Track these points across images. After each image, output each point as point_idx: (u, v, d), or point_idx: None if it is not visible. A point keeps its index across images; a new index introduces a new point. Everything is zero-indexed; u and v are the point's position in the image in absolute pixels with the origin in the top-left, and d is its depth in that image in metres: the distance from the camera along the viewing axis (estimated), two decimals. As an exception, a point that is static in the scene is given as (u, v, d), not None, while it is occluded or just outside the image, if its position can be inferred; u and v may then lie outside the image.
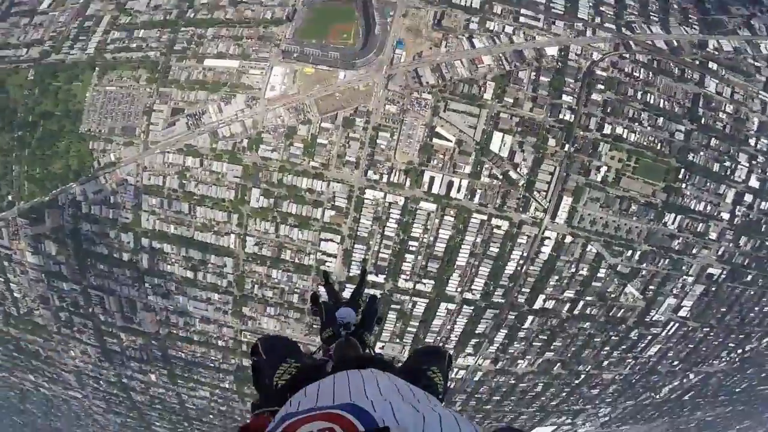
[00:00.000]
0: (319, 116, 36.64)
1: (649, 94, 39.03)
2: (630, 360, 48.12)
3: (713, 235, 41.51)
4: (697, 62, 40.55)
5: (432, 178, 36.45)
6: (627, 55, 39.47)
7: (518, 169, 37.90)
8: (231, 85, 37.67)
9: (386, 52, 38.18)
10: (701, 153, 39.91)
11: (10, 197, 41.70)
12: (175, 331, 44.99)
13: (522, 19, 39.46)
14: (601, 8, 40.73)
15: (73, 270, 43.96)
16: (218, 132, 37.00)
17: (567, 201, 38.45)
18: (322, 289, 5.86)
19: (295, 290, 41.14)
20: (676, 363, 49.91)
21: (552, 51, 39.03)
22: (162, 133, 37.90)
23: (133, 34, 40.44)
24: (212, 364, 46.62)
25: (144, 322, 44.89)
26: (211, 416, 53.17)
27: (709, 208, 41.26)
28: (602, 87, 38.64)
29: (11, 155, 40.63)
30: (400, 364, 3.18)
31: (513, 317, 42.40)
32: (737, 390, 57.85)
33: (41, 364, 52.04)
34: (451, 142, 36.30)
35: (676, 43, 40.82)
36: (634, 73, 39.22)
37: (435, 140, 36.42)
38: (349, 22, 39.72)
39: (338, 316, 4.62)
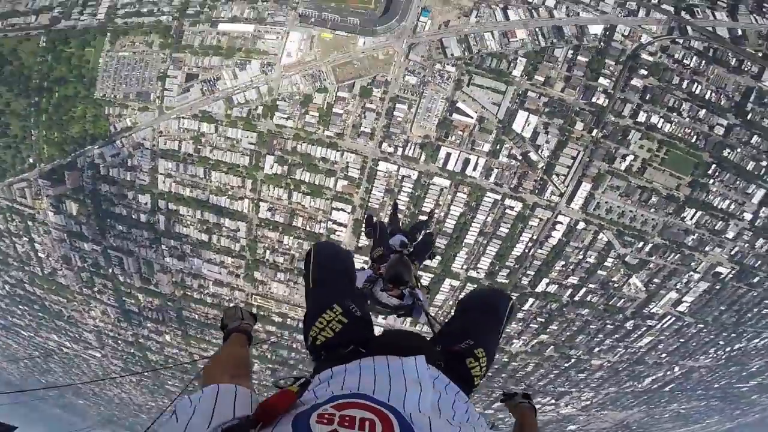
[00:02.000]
0: (335, 84, 36.06)
1: (696, 84, 35.82)
2: (621, 349, 49.20)
3: (730, 234, 40.20)
4: (761, 54, 36.11)
5: (448, 154, 35.94)
6: (680, 41, 35.81)
7: (539, 151, 36.77)
8: (246, 50, 37.16)
9: (409, 19, 36.26)
10: (738, 150, 37.31)
11: (31, 159, 43.35)
12: (189, 293, 47.30)
13: None
14: None
15: (93, 230, 46.27)
16: (233, 98, 36.99)
17: (586, 187, 37.47)
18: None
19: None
20: (664, 355, 51.02)
21: (596, 29, 35.65)
22: (177, 99, 38.14)
23: None
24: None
25: (161, 284, 47.35)
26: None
27: (732, 206, 39.52)
28: (645, 72, 35.47)
29: (29, 120, 41.83)
30: (445, 323, 2.91)
31: (515, 297, 43.25)
32: (715, 386, 59.41)
33: (64, 323, 55.82)
34: (472, 118, 35.24)
35: (740, 32, 36.30)
36: (684, 60, 35.58)
37: (455, 115, 35.40)
38: None
39: (392, 240, 4.75)
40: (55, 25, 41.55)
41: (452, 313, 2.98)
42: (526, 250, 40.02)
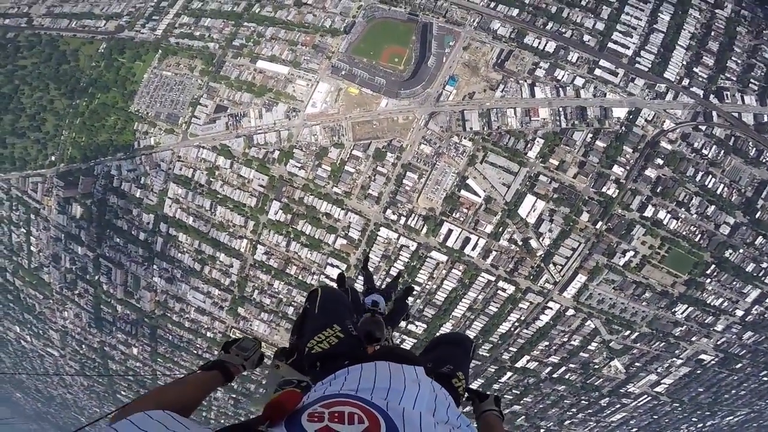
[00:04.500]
0: (352, 142, 41.96)
1: (710, 177, 39.94)
2: (592, 423, 54.75)
3: (719, 327, 44.24)
4: (783, 142, 38.08)
5: (450, 231, 40.53)
6: (703, 128, 40.22)
7: (540, 239, 41.01)
8: (276, 91, 44.22)
9: (435, 87, 41.94)
10: (740, 251, 41.11)
11: (53, 157, 50.82)
12: (169, 314, 52.76)
13: (598, 72, 40.97)
14: (695, 69, 41.09)
15: (91, 237, 51.99)
16: (254, 138, 43.48)
17: (581, 278, 41.46)
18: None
19: (292, 303, 46.84)
20: (635, 430, 56.67)
21: (620, 113, 40.19)
22: (202, 128, 45.04)
23: (200, 21, 48.49)
24: (195, 352, 54.50)
25: (143, 300, 52.59)
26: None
27: (726, 304, 43.19)
28: (661, 162, 39.76)
29: (65, 120, 49.89)
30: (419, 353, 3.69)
31: (493, 371, 47.28)
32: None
33: (32, 318, 62.05)
34: (480, 197, 40.08)
35: (766, 119, 40.72)
36: (703, 150, 39.88)
37: (463, 192, 40.23)
38: (404, 46, 44.13)
39: (366, 300, 5.74)
40: (118, 33, 51.19)
41: (423, 349, 3.85)
42: (512, 329, 44.43)
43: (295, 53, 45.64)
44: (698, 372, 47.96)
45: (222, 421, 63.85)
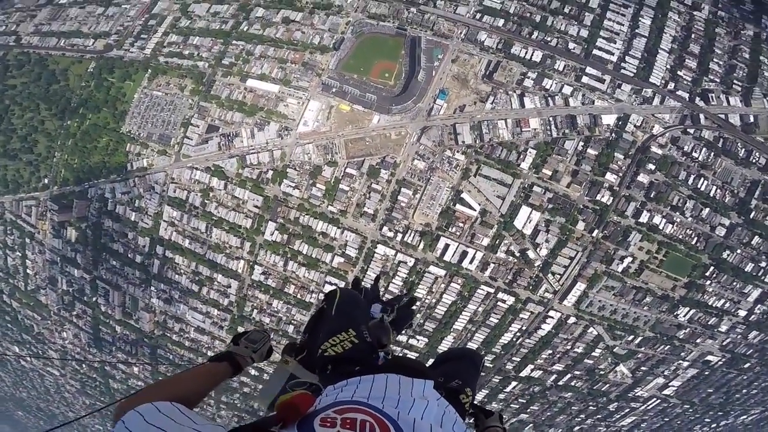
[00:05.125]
0: (345, 160, 42.00)
1: (702, 179, 40.40)
2: (602, 428, 54.94)
3: (723, 328, 44.62)
4: (768, 142, 38.52)
5: (447, 245, 40.71)
6: (691, 131, 40.69)
7: (538, 250, 41.28)
8: (267, 110, 44.12)
9: (426, 101, 42.03)
10: (738, 251, 41.50)
11: (46, 180, 50.62)
12: (169, 335, 52.74)
13: (585, 79, 41.22)
14: (679, 72, 41.56)
15: (87, 260, 52.02)
16: (247, 158, 43.42)
17: (580, 286, 41.79)
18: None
19: (292, 321, 46.89)
20: None
21: (609, 119, 40.46)
22: (194, 149, 44.85)
23: (189, 39, 48.28)
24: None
25: (142, 321, 52.59)
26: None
27: (728, 305, 43.59)
28: (652, 167, 40.11)
29: (56, 141, 49.60)
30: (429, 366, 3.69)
31: (497, 381, 47.47)
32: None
33: (31, 338, 61.59)
34: (475, 211, 40.27)
35: (752, 119, 41.18)
36: (693, 153, 40.29)
37: (458, 206, 40.41)
38: (393, 61, 44.14)
39: (372, 308, 5.52)
40: (107, 52, 50.89)
41: (431, 363, 3.91)
42: (514, 339, 44.61)
43: (285, 71, 45.59)
44: (706, 373, 48.35)
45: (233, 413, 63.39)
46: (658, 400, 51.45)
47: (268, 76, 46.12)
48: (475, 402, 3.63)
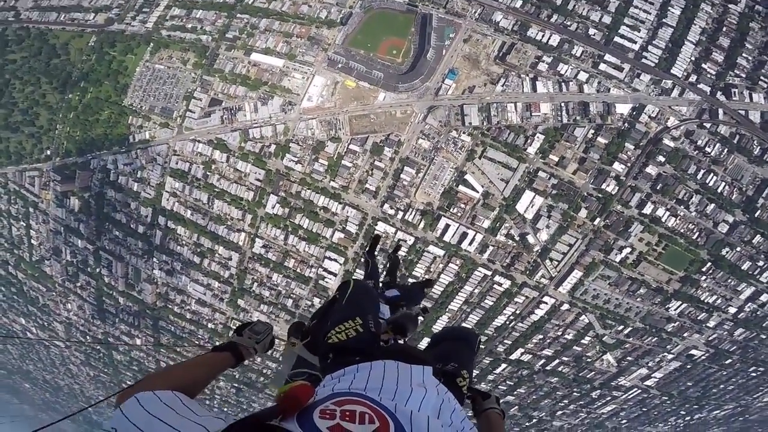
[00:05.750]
0: (349, 136, 41.60)
1: (711, 175, 39.54)
2: (582, 414, 56.91)
3: (711, 324, 45.17)
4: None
5: (447, 226, 40.57)
6: (708, 125, 39.52)
7: (538, 235, 41.07)
8: (271, 85, 43.51)
9: (434, 80, 41.08)
10: (737, 249, 41.15)
11: (48, 151, 50.79)
12: (171, 306, 53.66)
13: (602, 66, 39.90)
14: (703, 65, 40.12)
15: (90, 230, 52.04)
16: (249, 132, 43.09)
17: (577, 274, 41.76)
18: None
19: (291, 295, 47.60)
20: (624, 421, 58.96)
21: (623, 109, 39.34)
22: (197, 122, 44.54)
23: (192, 13, 47.29)
24: (197, 342, 55.23)
25: (144, 292, 53.48)
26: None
27: (719, 301, 43.73)
28: (663, 159, 39.26)
29: (58, 114, 49.52)
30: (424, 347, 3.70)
31: (488, 362, 48.43)
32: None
33: (36, 310, 63.18)
34: (478, 192, 39.87)
35: None
36: (706, 148, 39.33)
37: (461, 187, 40.07)
38: (402, 38, 43.00)
39: (387, 292, 5.85)
40: (108, 26, 50.14)
41: (428, 344, 3.87)
42: (507, 322, 45.36)
43: (290, 45, 44.64)
44: (688, 367, 49.26)
45: (225, 409, 64.88)
46: (639, 390, 52.92)
47: (272, 50, 45.25)
48: (472, 384, 3.59)
